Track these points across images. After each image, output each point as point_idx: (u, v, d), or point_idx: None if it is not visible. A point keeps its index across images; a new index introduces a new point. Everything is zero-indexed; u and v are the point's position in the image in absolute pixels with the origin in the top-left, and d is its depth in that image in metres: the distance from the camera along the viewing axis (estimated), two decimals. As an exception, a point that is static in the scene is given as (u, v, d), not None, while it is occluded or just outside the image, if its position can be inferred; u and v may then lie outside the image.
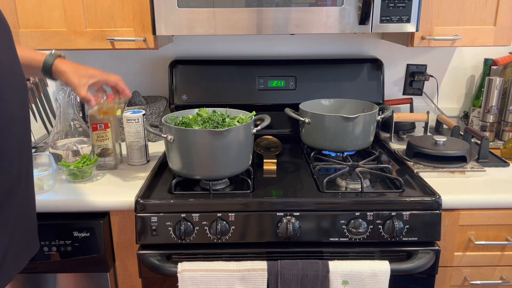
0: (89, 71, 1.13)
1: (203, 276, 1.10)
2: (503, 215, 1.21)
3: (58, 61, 1.11)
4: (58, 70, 1.11)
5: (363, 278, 1.11)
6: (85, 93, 1.12)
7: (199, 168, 1.19)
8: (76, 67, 1.12)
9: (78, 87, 1.11)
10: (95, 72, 1.15)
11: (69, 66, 1.11)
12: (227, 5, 1.28)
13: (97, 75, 1.15)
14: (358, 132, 1.40)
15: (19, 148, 0.84)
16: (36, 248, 0.97)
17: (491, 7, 1.38)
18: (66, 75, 1.11)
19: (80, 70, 1.12)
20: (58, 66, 1.10)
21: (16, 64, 0.84)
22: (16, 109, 0.82)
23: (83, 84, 1.12)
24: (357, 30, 1.31)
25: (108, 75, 1.17)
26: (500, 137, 1.69)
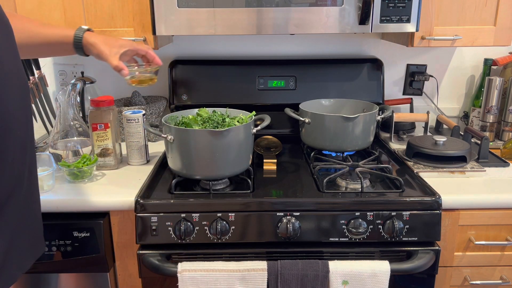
0: (119, 41, 1.15)
1: (203, 276, 1.10)
2: (503, 215, 1.21)
3: (87, 34, 1.12)
4: (89, 43, 1.12)
5: (363, 278, 1.11)
6: (117, 62, 1.12)
7: (199, 168, 1.19)
8: (106, 38, 1.14)
9: (110, 56, 1.11)
10: (124, 41, 1.16)
11: (98, 38, 1.13)
12: (227, 5, 1.28)
13: (126, 44, 1.16)
14: (358, 132, 1.40)
15: (20, 149, 0.83)
16: (42, 250, 0.97)
17: (491, 7, 1.38)
18: (97, 46, 1.12)
19: (110, 40, 1.14)
20: (88, 39, 1.12)
21: (17, 64, 0.84)
22: (17, 110, 0.82)
23: (114, 53, 1.12)
24: (357, 30, 1.31)
25: (138, 44, 1.18)
26: (500, 137, 1.69)
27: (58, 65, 1.77)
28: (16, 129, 0.81)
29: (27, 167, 0.87)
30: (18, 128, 0.82)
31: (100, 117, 1.35)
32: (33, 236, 0.93)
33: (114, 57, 1.12)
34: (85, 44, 1.12)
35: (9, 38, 0.83)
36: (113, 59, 1.11)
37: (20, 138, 0.83)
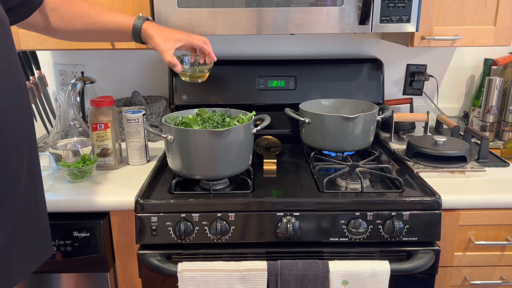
0: (175, 34, 1.14)
1: (203, 276, 1.10)
2: (503, 215, 1.21)
3: (146, 25, 1.13)
4: (147, 34, 1.13)
5: (363, 278, 1.11)
6: (171, 57, 1.13)
7: (199, 168, 1.19)
8: (163, 31, 1.14)
9: (165, 51, 1.12)
10: (181, 35, 1.15)
11: (156, 30, 1.13)
12: (227, 5, 1.28)
13: (182, 38, 1.15)
14: (358, 132, 1.40)
15: (16, 151, 0.82)
16: (49, 253, 0.96)
17: (491, 7, 1.38)
18: (154, 39, 1.13)
19: (167, 33, 1.14)
20: (146, 30, 1.13)
21: (14, 65, 0.83)
22: (11, 110, 0.81)
23: (169, 48, 1.13)
24: (357, 30, 1.31)
25: (194, 37, 1.17)
26: (500, 137, 1.69)
27: (58, 65, 1.78)
28: (10, 130, 0.80)
29: (24, 169, 0.85)
30: (12, 129, 0.81)
31: (100, 117, 1.35)
32: (36, 240, 0.91)
33: (168, 53, 1.12)
34: (143, 35, 1.14)
35: (6, 38, 0.82)
36: (167, 55, 1.12)
37: (16, 140, 0.82)
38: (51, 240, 0.98)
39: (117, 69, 1.79)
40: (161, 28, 1.15)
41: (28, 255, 0.89)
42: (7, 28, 0.83)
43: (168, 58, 1.13)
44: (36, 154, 0.91)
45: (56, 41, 1.37)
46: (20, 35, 1.37)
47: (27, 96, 0.89)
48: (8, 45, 0.82)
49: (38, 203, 0.92)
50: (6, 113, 0.80)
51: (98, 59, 1.78)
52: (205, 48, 1.19)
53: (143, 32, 1.13)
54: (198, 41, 1.17)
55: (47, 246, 0.96)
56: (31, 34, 1.36)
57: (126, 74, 1.80)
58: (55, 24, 1.09)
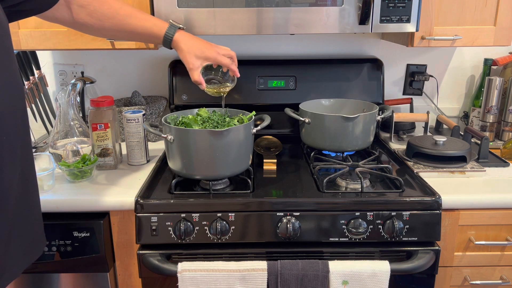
0: (205, 52, 1.16)
1: (203, 276, 1.10)
2: (503, 215, 1.21)
3: (177, 36, 1.15)
4: (178, 47, 1.16)
5: (363, 278, 1.11)
6: (197, 77, 1.17)
7: (199, 168, 1.19)
8: (193, 47, 1.15)
9: (192, 70, 1.16)
10: (210, 53, 1.16)
11: (186, 45, 1.15)
12: (227, 5, 1.28)
13: (211, 57, 1.17)
14: (358, 132, 1.40)
15: (9, 155, 0.81)
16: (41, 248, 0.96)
17: (491, 7, 1.38)
18: (183, 55, 1.16)
19: (196, 50, 1.15)
20: (177, 42, 1.15)
21: (10, 68, 0.82)
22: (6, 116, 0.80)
23: (197, 67, 1.16)
24: (357, 30, 1.31)
25: (222, 57, 1.18)
26: (500, 137, 1.69)
27: (58, 65, 1.78)
28: (3, 134, 0.79)
29: (18, 173, 0.85)
30: (6, 133, 0.80)
31: (100, 117, 1.35)
32: (28, 244, 0.91)
33: (195, 71, 1.16)
34: (173, 46, 1.16)
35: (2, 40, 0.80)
36: (194, 73, 1.17)
37: (8, 143, 0.81)
38: (44, 235, 0.99)
39: (117, 69, 1.79)
40: (191, 41, 1.16)
41: (18, 258, 0.89)
42: (5, 30, 0.82)
43: (195, 77, 1.17)
44: (31, 156, 0.91)
45: (56, 41, 1.37)
46: (20, 35, 1.37)
47: (23, 98, 0.88)
48: (5, 47, 0.81)
49: (32, 203, 0.92)
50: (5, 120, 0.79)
51: (98, 59, 1.78)
52: (231, 68, 1.21)
53: (174, 44, 1.15)
54: (225, 61, 1.19)
55: (40, 242, 0.97)
56: (31, 34, 1.37)
57: (126, 74, 1.80)
58: (82, 20, 1.09)
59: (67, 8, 1.06)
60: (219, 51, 1.18)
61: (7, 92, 0.81)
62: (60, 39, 1.37)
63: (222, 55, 1.18)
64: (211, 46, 1.18)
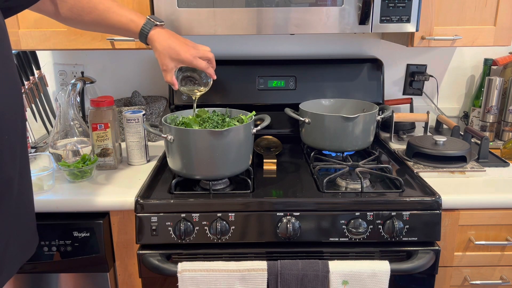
0: (181, 55, 1.13)
1: (203, 276, 1.10)
2: (503, 215, 1.21)
3: (153, 34, 1.13)
4: (153, 45, 1.14)
5: (363, 278, 1.11)
6: (170, 78, 1.16)
7: (199, 168, 1.19)
8: (168, 48, 1.13)
9: (165, 71, 1.15)
10: (186, 56, 1.13)
11: (161, 45, 1.13)
12: (227, 5, 1.28)
13: (186, 60, 1.14)
14: (358, 132, 1.40)
15: (10, 154, 0.82)
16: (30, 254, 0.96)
17: (491, 7, 1.38)
18: (157, 54, 1.14)
19: (171, 52, 1.13)
20: (152, 41, 1.13)
21: (9, 67, 0.82)
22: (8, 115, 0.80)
23: (171, 68, 1.15)
24: (357, 30, 1.31)
25: (198, 61, 1.15)
26: (500, 137, 1.69)
27: (58, 65, 1.78)
28: (5, 133, 0.80)
29: (17, 172, 0.85)
30: (7, 132, 0.80)
31: (100, 117, 1.35)
32: (22, 243, 0.92)
33: (168, 73, 1.15)
34: (149, 43, 1.14)
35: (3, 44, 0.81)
36: (167, 75, 1.16)
37: (10, 142, 0.81)
38: (37, 234, 0.99)
39: (117, 69, 1.79)
40: (167, 41, 1.13)
41: (14, 257, 0.89)
42: (3, 30, 0.82)
43: (167, 78, 1.16)
44: (26, 155, 0.91)
45: (56, 41, 1.37)
46: (20, 35, 1.37)
47: (22, 99, 0.89)
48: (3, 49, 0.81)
49: (28, 202, 0.93)
50: (3, 117, 0.79)
51: (98, 59, 1.78)
52: (207, 72, 1.20)
53: (149, 41, 1.14)
54: (201, 64, 1.16)
55: (34, 241, 0.97)
56: (31, 34, 1.37)
57: (126, 74, 1.80)
58: (64, 14, 1.09)
59: (51, 2, 1.07)
60: (196, 54, 1.15)
61: (7, 92, 0.81)
62: (60, 39, 1.37)
63: (197, 58, 1.15)
64: (188, 48, 1.14)
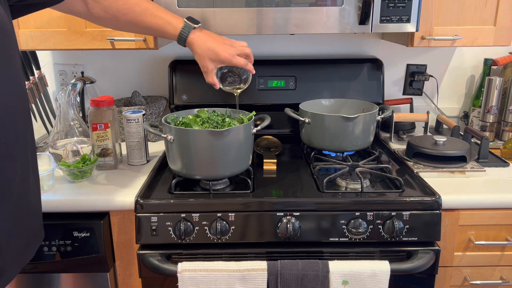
0: (220, 56, 1.15)
1: (203, 276, 1.10)
2: (503, 215, 1.21)
3: (191, 38, 1.14)
4: (191, 48, 1.15)
5: (363, 278, 1.11)
6: (211, 79, 1.19)
7: (199, 168, 1.19)
8: (207, 51, 1.14)
9: (206, 73, 1.18)
10: (225, 56, 1.15)
11: (200, 48, 1.14)
12: (227, 5, 1.28)
13: (225, 60, 1.16)
14: (358, 132, 1.40)
15: (7, 157, 0.81)
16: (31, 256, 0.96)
17: (491, 7, 1.38)
18: (197, 57, 1.16)
19: (211, 54, 1.15)
20: (191, 45, 1.15)
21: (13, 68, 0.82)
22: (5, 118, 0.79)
23: (211, 70, 1.17)
24: (357, 30, 1.31)
25: (237, 59, 1.17)
26: (500, 137, 1.69)
27: (58, 65, 1.78)
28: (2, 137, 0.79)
29: (18, 175, 0.84)
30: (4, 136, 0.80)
31: (100, 117, 1.35)
32: (25, 243, 0.92)
33: (209, 75, 1.18)
34: (188, 46, 1.15)
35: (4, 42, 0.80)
36: (207, 76, 1.18)
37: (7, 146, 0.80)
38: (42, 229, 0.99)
39: (117, 69, 1.79)
40: (206, 44, 1.15)
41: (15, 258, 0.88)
42: (6, 30, 0.81)
43: (209, 79, 1.19)
44: (34, 157, 0.90)
45: (56, 41, 1.37)
46: (20, 35, 1.37)
47: (26, 100, 0.87)
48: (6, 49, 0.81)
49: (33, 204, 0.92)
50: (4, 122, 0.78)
51: (98, 59, 1.78)
52: (247, 68, 1.21)
53: (188, 45, 1.15)
54: (240, 62, 1.18)
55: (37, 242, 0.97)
56: (31, 34, 1.37)
57: (126, 74, 1.80)
58: (97, 15, 1.09)
59: (82, 2, 1.06)
60: (233, 52, 1.17)
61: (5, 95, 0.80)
62: (60, 39, 1.37)
63: (236, 57, 1.17)
64: (226, 48, 1.16)
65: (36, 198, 0.94)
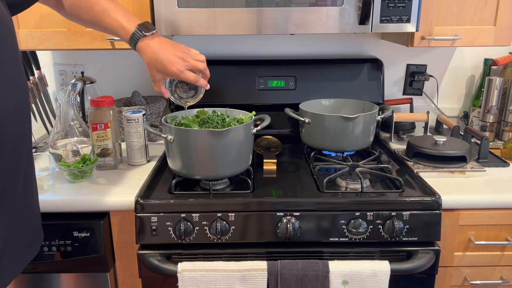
0: (167, 69, 1.09)
1: (203, 276, 1.10)
2: (503, 215, 1.21)
3: (140, 46, 1.10)
4: (140, 55, 1.12)
5: (363, 278, 1.11)
6: (158, 89, 1.16)
7: (199, 168, 1.19)
8: (155, 61, 1.10)
9: (154, 82, 1.15)
10: (172, 71, 1.10)
11: (148, 57, 1.11)
12: (227, 5, 1.28)
13: (172, 74, 1.11)
14: (358, 132, 1.40)
15: (14, 154, 0.82)
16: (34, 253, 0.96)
17: (491, 7, 1.38)
18: (146, 65, 1.13)
19: (158, 65, 1.10)
20: (139, 52, 1.12)
21: (15, 65, 0.82)
22: (14, 115, 0.80)
23: (158, 80, 1.14)
24: (357, 30, 1.31)
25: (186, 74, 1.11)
26: (500, 137, 1.69)
27: (58, 65, 1.78)
28: (11, 134, 0.80)
29: (22, 172, 0.85)
30: (12, 132, 0.80)
31: (100, 117, 1.35)
32: (26, 242, 0.92)
33: (156, 84, 1.15)
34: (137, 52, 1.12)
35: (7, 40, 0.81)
36: (155, 86, 1.16)
37: (14, 142, 0.81)
38: (42, 230, 0.99)
39: (117, 69, 1.79)
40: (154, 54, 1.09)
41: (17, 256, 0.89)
42: (11, 30, 0.82)
43: (156, 88, 1.16)
44: (31, 155, 0.91)
45: (56, 41, 1.37)
46: (20, 35, 1.37)
47: (28, 97, 0.89)
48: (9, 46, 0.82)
49: (32, 201, 0.93)
50: (9, 117, 0.79)
51: (98, 59, 1.78)
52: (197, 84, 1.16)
53: (138, 51, 1.12)
54: (190, 78, 1.12)
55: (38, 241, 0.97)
56: (31, 34, 1.37)
57: (126, 74, 1.80)
58: (65, 10, 1.11)
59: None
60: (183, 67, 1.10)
61: (14, 91, 0.81)
62: (60, 39, 1.37)
63: (185, 72, 1.11)
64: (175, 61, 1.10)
65: (36, 196, 0.95)
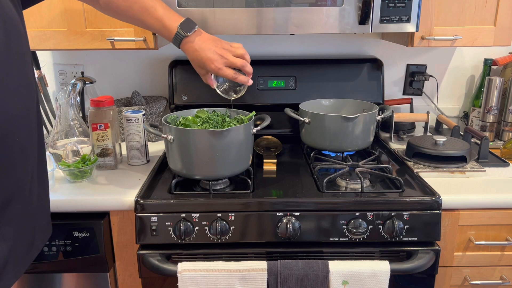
0: (207, 66, 1.14)
1: (203, 276, 1.10)
2: (503, 215, 1.21)
3: (183, 46, 1.14)
4: (185, 54, 1.17)
5: (363, 278, 1.11)
6: (205, 81, 1.22)
7: (199, 168, 1.19)
8: (196, 59, 1.15)
9: (200, 75, 1.22)
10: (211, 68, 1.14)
11: (191, 56, 1.16)
12: (227, 5, 1.28)
13: (212, 71, 1.16)
14: (358, 132, 1.40)
15: (22, 154, 0.82)
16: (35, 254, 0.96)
17: (491, 7, 1.38)
18: (191, 62, 1.18)
19: (199, 63, 1.15)
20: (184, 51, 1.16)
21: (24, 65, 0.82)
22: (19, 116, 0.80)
23: (203, 74, 1.21)
24: (357, 30, 1.31)
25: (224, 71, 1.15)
26: (500, 137, 1.69)
27: (58, 65, 1.78)
28: (16, 135, 0.79)
29: (29, 172, 0.85)
30: (18, 134, 0.80)
31: (100, 117, 1.35)
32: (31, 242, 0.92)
33: (203, 77, 1.22)
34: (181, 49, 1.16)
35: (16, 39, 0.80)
36: (203, 79, 1.23)
37: (21, 143, 0.81)
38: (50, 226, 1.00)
39: (117, 69, 1.79)
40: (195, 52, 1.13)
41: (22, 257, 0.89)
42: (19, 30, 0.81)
43: (204, 81, 1.22)
44: (43, 156, 0.91)
45: (56, 41, 1.37)
46: (20, 35, 1.36)
47: (36, 100, 0.88)
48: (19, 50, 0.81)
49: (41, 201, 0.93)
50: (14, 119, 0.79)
51: (98, 59, 1.78)
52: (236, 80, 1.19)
53: (182, 50, 1.16)
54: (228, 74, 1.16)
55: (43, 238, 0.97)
56: (31, 34, 1.36)
57: (126, 74, 1.80)
58: (100, 7, 1.12)
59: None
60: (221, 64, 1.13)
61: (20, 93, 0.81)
62: (60, 39, 1.37)
63: (224, 69, 1.14)
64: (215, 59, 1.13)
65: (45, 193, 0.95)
